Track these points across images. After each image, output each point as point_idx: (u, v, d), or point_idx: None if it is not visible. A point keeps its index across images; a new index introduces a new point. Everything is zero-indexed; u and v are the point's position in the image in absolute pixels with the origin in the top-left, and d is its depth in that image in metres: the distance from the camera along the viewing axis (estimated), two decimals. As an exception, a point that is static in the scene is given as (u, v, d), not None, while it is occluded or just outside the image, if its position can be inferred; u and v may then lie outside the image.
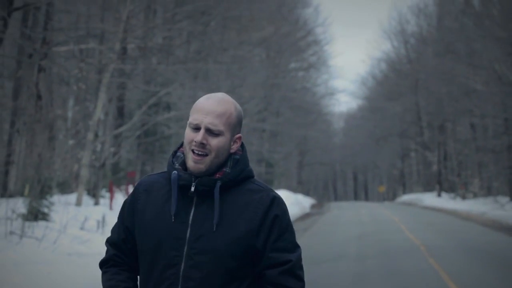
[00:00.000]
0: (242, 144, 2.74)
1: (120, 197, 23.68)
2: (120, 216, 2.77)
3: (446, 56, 42.59)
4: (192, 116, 2.63)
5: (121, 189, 24.91)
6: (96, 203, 21.92)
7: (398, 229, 22.88)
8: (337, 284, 10.94)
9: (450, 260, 13.79)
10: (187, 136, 2.64)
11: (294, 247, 2.66)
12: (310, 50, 57.10)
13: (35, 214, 14.40)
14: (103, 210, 18.53)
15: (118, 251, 2.75)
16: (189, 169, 2.64)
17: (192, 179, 2.63)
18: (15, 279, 9.16)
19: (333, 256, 14.84)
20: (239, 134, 2.70)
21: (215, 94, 2.70)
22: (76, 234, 13.83)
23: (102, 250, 13.45)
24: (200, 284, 2.57)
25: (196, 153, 2.61)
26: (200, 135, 2.60)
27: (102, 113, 22.60)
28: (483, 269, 12.68)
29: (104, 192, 24.30)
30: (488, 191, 43.47)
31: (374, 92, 74.44)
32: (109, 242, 2.79)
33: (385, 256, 14.68)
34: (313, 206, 49.60)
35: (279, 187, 48.17)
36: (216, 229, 2.59)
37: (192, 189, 2.62)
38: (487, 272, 12.21)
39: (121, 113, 26.46)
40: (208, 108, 2.62)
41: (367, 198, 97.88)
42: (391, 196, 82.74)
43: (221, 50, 30.20)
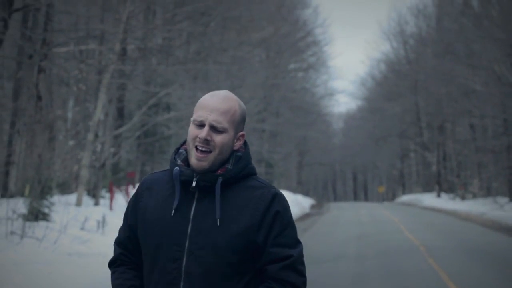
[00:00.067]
0: (245, 142, 2.76)
1: (120, 198, 23.70)
2: (125, 215, 2.82)
3: (445, 57, 42.59)
4: (197, 113, 2.66)
5: (121, 190, 24.91)
6: (96, 204, 21.94)
7: (397, 229, 22.88)
8: (336, 284, 10.96)
9: (450, 261, 13.81)
10: (191, 133, 2.66)
11: (295, 243, 2.69)
12: (310, 50, 57.11)
13: (36, 214, 14.42)
14: (103, 211, 18.55)
15: (125, 250, 2.79)
16: (191, 166, 2.66)
17: (194, 174, 2.65)
18: (15, 279, 9.18)
19: (333, 256, 14.85)
20: (243, 132, 2.73)
21: (220, 91, 2.73)
22: (76, 234, 13.85)
23: (103, 250, 13.47)
24: (202, 278, 2.59)
25: (200, 149, 2.63)
26: (204, 132, 2.62)
27: (102, 113, 22.62)
28: (483, 269, 12.70)
29: (104, 192, 24.32)
30: (488, 192, 43.45)
31: (374, 92, 74.44)
32: (116, 242, 2.83)
33: (385, 257, 14.69)
34: (312, 207, 49.57)
35: (278, 188, 48.02)
36: (217, 223, 2.60)
37: (194, 184, 2.64)
38: (487, 272, 12.23)
39: (121, 113, 26.47)
40: (213, 106, 2.65)
41: (366, 199, 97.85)
42: (390, 196, 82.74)
43: (220, 50, 30.22)
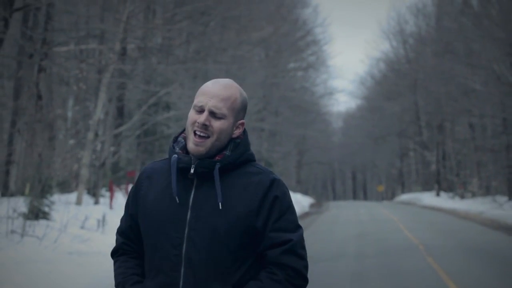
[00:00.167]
0: (244, 130, 2.78)
1: (120, 197, 23.73)
2: (126, 205, 2.84)
3: (444, 56, 42.61)
4: (197, 99, 2.68)
5: (121, 188, 24.97)
6: (96, 202, 21.98)
7: (396, 228, 22.91)
8: (335, 283, 10.98)
9: (449, 259, 13.83)
10: (190, 118, 2.68)
11: (295, 227, 2.70)
12: (309, 50, 57.10)
13: (36, 213, 14.46)
14: (103, 209, 18.59)
15: (126, 240, 2.82)
16: (189, 151, 2.68)
17: (192, 161, 2.66)
18: (16, 278, 9.21)
19: (332, 255, 14.86)
20: (242, 120, 2.75)
21: (222, 79, 2.75)
22: (77, 233, 13.89)
23: (103, 249, 13.51)
24: (203, 264, 2.60)
25: (198, 134, 2.65)
26: (203, 117, 2.65)
27: (102, 113, 22.64)
28: (482, 268, 12.72)
29: (104, 191, 24.36)
30: (487, 191, 43.46)
31: (373, 91, 74.44)
32: (118, 231, 2.86)
33: (384, 255, 14.70)
34: (312, 205, 49.63)
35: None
36: (216, 209, 2.62)
37: (192, 171, 2.66)
38: (486, 271, 12.25)
39: (121, 112, 26.50)
40: (214, 92, 2.68)
41: (365, 198, 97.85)
42: (389, 195, 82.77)
43: (220, 50, 30.23)
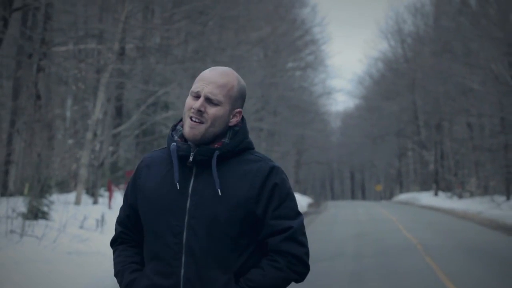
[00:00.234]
0: (243, 118, 2.79)
1: (119, 196, 23.73)
2: (125, 195, 2.86)
3: (443, 55, 42.64)
4: (195, 85, 2.70)
5: (119, 188, 24.97)
6: (95, 202, 22.00)
7: (395, 228, 22.95)
8: (334, 283, 10.99)
9: (447, 259, 13.86)
10: (187, 104, 2.70)
11: (295, 215, 2.70)
12: (308, 49, 57.10)
13: (35, 213, 14.46)
14: (102, 209, 18.59)
15: (125, 229, 2.83)
16: (185, 136, 2.70)
17: (191, 149, 2.68)
18: (15, 278, 9.22)
19: (330, 255, 14.88)
20: (240, 109, 2.75)
21: (220, 67, 2.77)
22: (76, 233, 13.90)
23: (102, 249, 13.51)
24: (204, 252, 2.61)
25: (193, 120, 2.67)
26: (198, 103, 2.66)
27: (101, 112, 22.63)
28: (480, 268, 12.75)
29: (103, 191, 24.37)
30: (485, 190, 43.51)
31: (371, 91, 74.46)
32: (117, 221, 2.88)
33: (382, 255, 14.73)
34: (310, 205, 49.64)
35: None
36: (215, 197, 2.63)
37: (191, 159, 2.67)
38: (484, 271, 12.28)
39: (119, 112, 26.51)
40: (210, 78, 2.69)
41: (364, 197, 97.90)
42: (388, 195, 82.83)
43: (219, 50, 30.23)
